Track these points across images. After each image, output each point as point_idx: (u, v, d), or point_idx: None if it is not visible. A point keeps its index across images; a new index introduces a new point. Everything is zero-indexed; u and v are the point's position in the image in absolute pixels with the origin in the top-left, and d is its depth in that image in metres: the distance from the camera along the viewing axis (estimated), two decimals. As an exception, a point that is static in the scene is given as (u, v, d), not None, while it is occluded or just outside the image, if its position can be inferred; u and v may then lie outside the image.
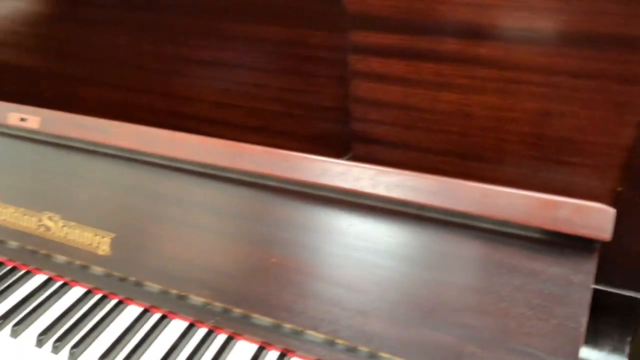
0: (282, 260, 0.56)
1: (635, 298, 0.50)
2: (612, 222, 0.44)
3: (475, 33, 0.44)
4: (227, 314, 0.59)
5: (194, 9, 0.55)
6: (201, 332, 0.59)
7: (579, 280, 0.48)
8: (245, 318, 0.58)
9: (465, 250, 0.50)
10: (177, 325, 0.60)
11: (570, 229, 0.45)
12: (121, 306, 0.63)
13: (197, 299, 0.60)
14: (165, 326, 0.60)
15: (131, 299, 0.63)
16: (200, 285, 0.59)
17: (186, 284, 0.60)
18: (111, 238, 0.64)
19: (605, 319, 0.52)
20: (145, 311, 0.62)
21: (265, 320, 0.55)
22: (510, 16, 0.42)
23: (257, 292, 0.57)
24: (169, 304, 0.61)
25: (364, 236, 0.53)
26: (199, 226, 0.61)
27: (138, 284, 0.63)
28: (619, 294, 0.51)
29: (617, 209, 0.46)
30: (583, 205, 0.44)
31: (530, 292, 0.49)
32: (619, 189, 0.46)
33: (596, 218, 0.44)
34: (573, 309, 0.48)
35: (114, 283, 0.64)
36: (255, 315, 0.56)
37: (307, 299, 0.54)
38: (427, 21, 0.45)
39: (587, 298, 0.47)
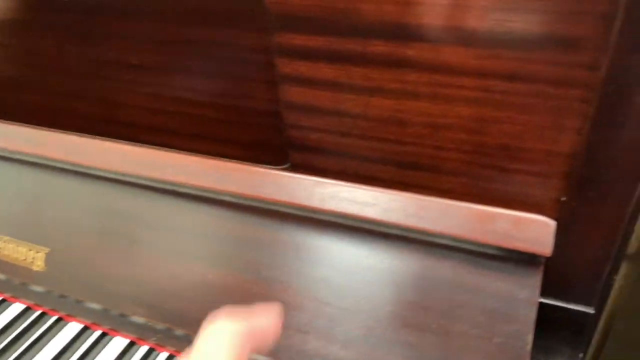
0: (219, 276, 0.53)
1: (586, 312, 0.47)
2: (553, 235, 0.40)
3: (402, 34, 0.40)
4: (168, 332, 0.57)
5: (118, 10, 0.52)
6: (142, 350, 0.57)
7: (524, 295, 0.45)
8: (187, 337, 0.55)
9: (402, 264, 0.47)
10: (118, 343, 0.58)
11: (508, 242, 0.42)
12: (61, 323, 0.61)
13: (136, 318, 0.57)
14: (106, 344, 0.58)
15: (72, 316, 0.61)
16: (136, 302, 0.57)
17: (123, 301, 0.57)
18: (46, 253, 0.61)
19: (555, 334, 0.49)
20: (85, 328, 0.60)
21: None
22: (438, 15, 0.39)
23: (195, 309, 0.54)
24: (110, 321, 0.59)
25: (297, 248, 0.50)
26: (136, 240, 0.58)
27: (79, 301, 0.60)
28: (569, 308, 0.48)
29: (562, 220, 0.43)
30: (522, 218, 0.41)
31: (473, 308, 0.46)
32: (563, 198, 0.43)
33: (536, 231, 0.41)
34: (518, 326, 0.45)
35: (54, 299, 0.61)
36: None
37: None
38: (352, 22, 0.41)
39: (533, 315, 0.45)
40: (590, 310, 0.47)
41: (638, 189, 0.40)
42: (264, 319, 0.31)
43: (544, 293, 0.48)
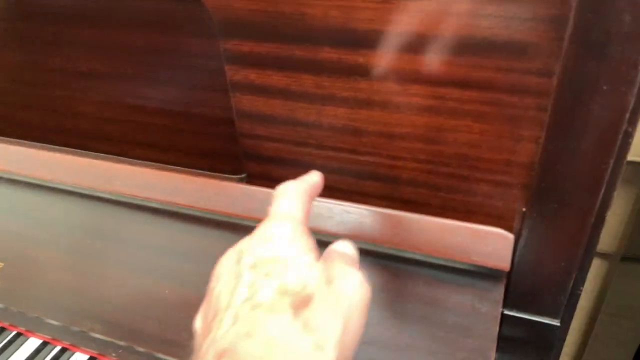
0: (175, 291, 0.51)
1: (552, 325, 0.45)
2: (512, 249, 0.39)
3: (350, 40, 0.38)
4: (130, 348, 0.55)
5: (64, 17, 0.50)
6: None
7: (486, 309, 0.43)
8: (148, 354, 0.54)
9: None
10: (78, 359, 0.56)
11: (465, 257, 0.40)
12: (20, 338, 0.59)
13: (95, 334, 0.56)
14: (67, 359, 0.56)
15: (32, 331, 0.59)
16: (93, 318, 0.55)
17: (79, 317, 0.55)
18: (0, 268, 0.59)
19: (521, 347, 0.47)
20: (45, 343, 0.58)
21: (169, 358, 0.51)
22: (385, 21, 0.37)
23: (152, 326, 0.53)
24: (71, 337, 0.57)
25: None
26: (90, 253, 0.56)
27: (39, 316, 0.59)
28: (535, 320, 0.46)
29: (524, 231, 0.42)
30: (479, 231, 0.39)
31: (434, 323, 0.44)
32: (523, 209, 0.41)
33: (494, 245, 0.39)
34: (480, 341, 0.43)
35: (14, 315, 0.59)
36: (159, 354, 0.52)
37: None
38: (299, 27, 0.39)
39: (495, 329, 0.43)
40: (556, 322, 0.45)
41: (599, 199, 0.38)
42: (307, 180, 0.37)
43: (508, 305, 0.47)
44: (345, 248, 0.34)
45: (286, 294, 0.27)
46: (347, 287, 0.29)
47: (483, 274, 0.43)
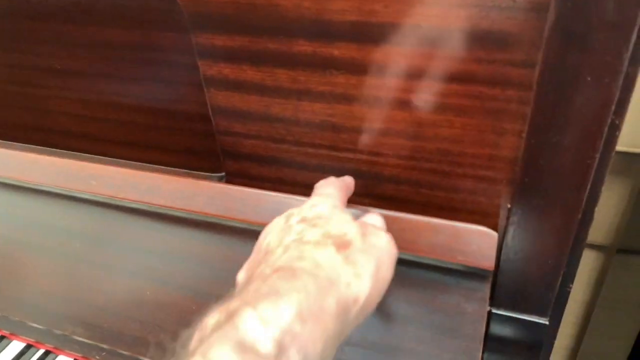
0: (156, 292, 0.50)
1: (540, 323, 0.44)
2: (495, 247, 0.37)
3: (325, 33, 0.37)
4: (113, 351, 0.54)
5: (36, 13, 0.48)
6: None
7: (472, 309, 0.42)
8: (132, 358, 0.52)
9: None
10: (61, 362, 0.56)
11: (449, 256, 0.38)
12: (4, 341, 0.58)
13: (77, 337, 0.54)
14: None
15: (15, 334, 0.58)
16: (74, 321, 0.54)
17: (59, 320, 0.54)
18: (-24, 271, 0.58)
19: (509, 346, 0.46)
20: (29, 346, 0.57)
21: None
22: (360, 12, 0.35)
23: (134, 328, 0.51)
24: (54, 340, 0.56)
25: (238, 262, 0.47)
26: (68, 254, 0.55)
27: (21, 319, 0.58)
28: (522, 319, 0.45)
29: (509, 228, 0.40)
30: (463, 229, 0.38)
31: (420, 323, 0.43)
32: (508, 205, 0.40)
33: (478, 244, 0.38)
34: (467, 341, 0.42)
35: (-3, 318, 0.59)
36: (141, 357, 0.51)
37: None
38: (273, 20, 0.38)
39: (482, 329, 0.42)
40: (544, 321, 0.44)
41: (585, 194, 0.37)
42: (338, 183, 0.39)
43: (496, 304, 0.45)
44: (374, 220, 0.38)
45: (329, 237, 0.32)
46: (379, 241, 0.34)
47: (468, 273, 0.41)
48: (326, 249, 0.31)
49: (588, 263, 0.87)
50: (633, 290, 0.88)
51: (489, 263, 0.38)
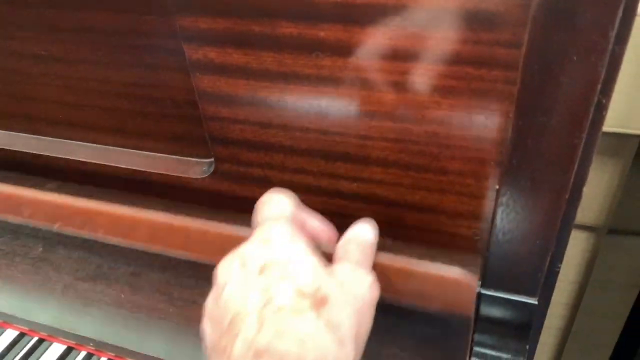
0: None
1: (529, 303, 0.44)
2: (475, 299, 0.37)
3: (311, 14, 0.36)
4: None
5: (16, -4, 0.47)
6: (80, 355, 0.55)
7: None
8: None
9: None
10: (55, 349, 0.56)
11: (424, 302, 0.38)
12: (-2, 330, 0.59)
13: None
14: (44, 350, 0.56)
15: (8, 322, 0.59)
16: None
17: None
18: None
19: (499, 327, 0.46)
20: (22, 334, 0.58)
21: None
22: (345, -9, 0.35)
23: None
24: (47, 327, 0.56)
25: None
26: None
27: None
28: (512, 299, 0.45)
29: (498, 209, 0.40)
30: (442, 280, 0.38)
31: (403, 330, 0.43)
32: (497, 187, 0.40)
33: (455, 294, 0.38)
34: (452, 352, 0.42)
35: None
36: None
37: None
38: (255, 1, 0.37)
39: (468, 337, 0.41)
40: (533, 301, 0.44)
41: (572, 174, 0.37)
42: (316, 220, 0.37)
43: (486, 285, 0.46)
44: (364, 233, 0.36)
45: (304, 296, 0.29)
46: (359, 289, 0.32)
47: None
48: (305, 315, 0.28)
49: (579, 244, 0.88)
50: (624, 270, 0.89)
51: (468, 313, 0.38)
